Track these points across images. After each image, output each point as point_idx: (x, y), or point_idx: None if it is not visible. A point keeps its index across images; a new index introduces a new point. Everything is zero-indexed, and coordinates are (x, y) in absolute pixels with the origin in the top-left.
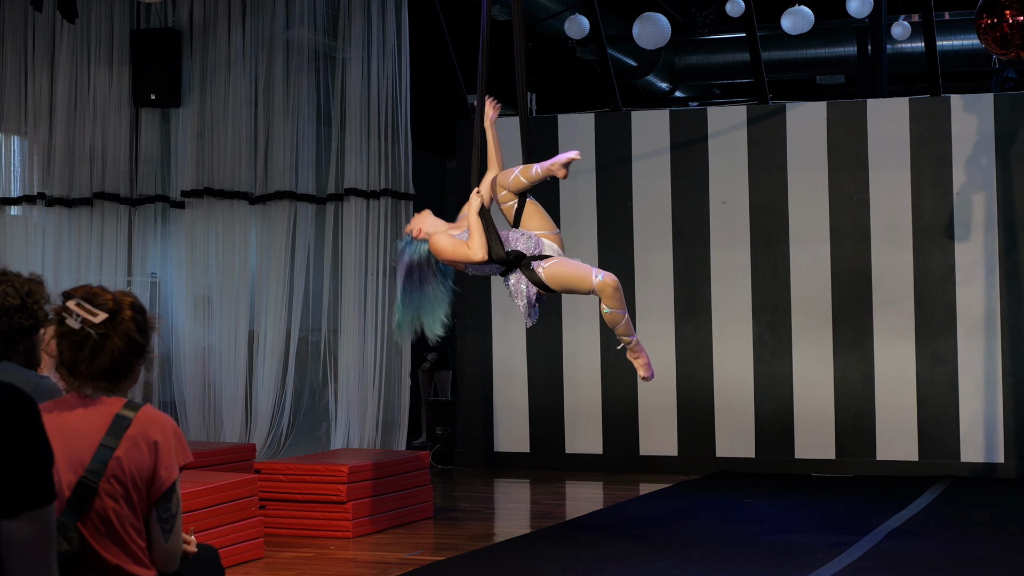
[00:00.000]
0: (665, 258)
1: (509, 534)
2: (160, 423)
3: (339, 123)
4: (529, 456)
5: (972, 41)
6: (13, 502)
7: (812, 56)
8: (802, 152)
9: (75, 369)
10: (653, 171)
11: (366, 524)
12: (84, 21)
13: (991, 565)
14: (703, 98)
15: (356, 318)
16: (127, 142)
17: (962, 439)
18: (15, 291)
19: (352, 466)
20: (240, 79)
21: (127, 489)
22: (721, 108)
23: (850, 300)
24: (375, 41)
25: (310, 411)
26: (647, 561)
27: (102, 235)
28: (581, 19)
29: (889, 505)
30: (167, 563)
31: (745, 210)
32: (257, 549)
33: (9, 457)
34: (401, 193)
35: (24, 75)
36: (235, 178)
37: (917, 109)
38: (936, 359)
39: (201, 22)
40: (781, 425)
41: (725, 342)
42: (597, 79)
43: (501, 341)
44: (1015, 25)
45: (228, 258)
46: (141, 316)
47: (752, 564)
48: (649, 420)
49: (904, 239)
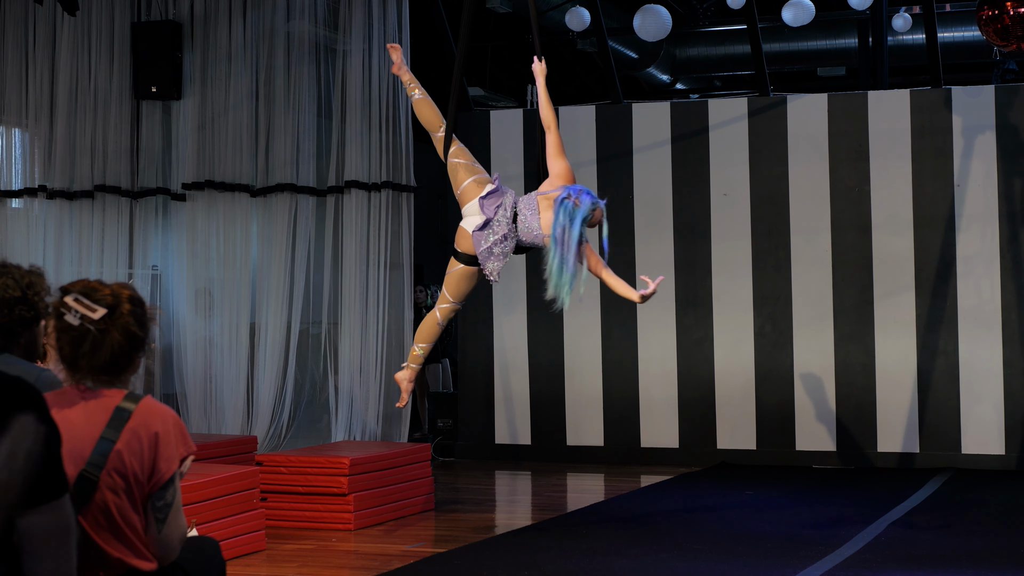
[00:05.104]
0: (666, 250)
1: (510, 526)
2: (161, 414)
3: (340, 115)
4: (530, 448)
5: (973, 33)
6: (28, 496)
7: (813, 48)
8: (803, 144)
9: (75, 364)
10: (654, 163)
11: (367, 516)
12: (85, 13)
13: (992, 557)
14: (704, 90)
15: (357, 310)
16: (128, 135)
17: (963, 431)
18: (15, 283)
19: (353, 458)
20: (241, 71)
21: (128, 482)
22: (722, 100)
23: (851, 292)
24: (376, 33)
25: (311, 403)
26: (648, 553)
27: (103, 228)
28: (582, 11)
29: (890, 497)
30: (163, 553)
31: (746, 202)
32: (259, 541)
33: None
34: (402, 185)
35: (25, 68)
36: (236, 170)
37: (918, 101)
38: (937, 351)
39: (202, 14)
40: (782, 417)
41: (726, 334)
42: (598, 71)
43: (502, 333)
44: (1016, 17)
45: (229, 250)
46: (140, 309)
47: (753, 556)
48: (650, 412)
49: (905, 231)
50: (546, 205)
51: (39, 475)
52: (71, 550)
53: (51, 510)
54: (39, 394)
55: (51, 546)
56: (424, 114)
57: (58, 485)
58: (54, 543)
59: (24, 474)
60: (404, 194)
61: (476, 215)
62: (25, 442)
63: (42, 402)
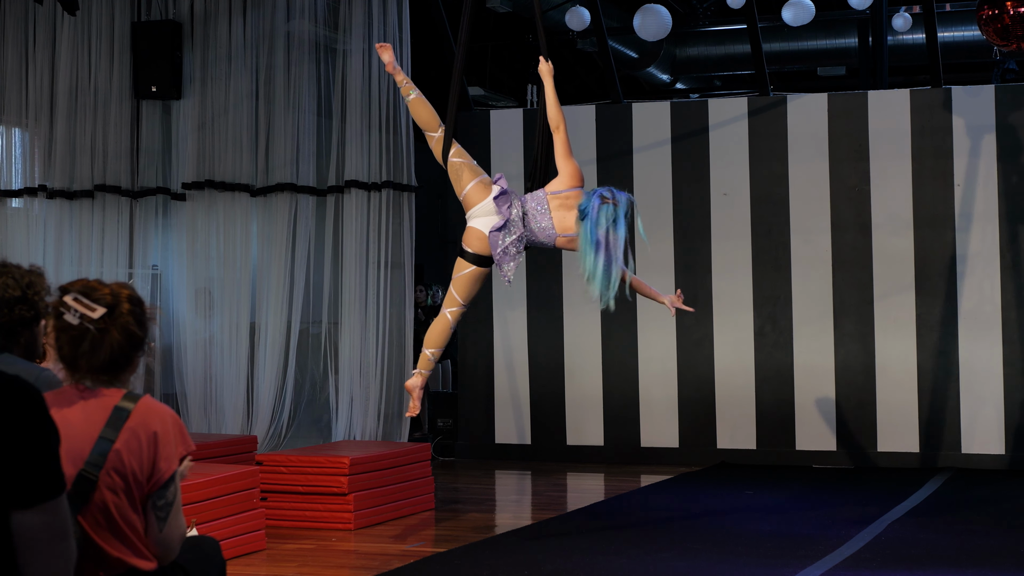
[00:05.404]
0: (666, 249)
1: (510, 526)
2: (160, 414)
3: (340, 115)
4: (530, 448)
5: (973, 32)
6: (25, 495)
7: (813, 48)
8: (803, 144)
9: (74, 364)
10: (654, 163)
11: (368, 516)
12: (85, 13)
13: (992, 556)
14: (704, 90)
15: (357, 310)
16: (128, 134)
17: (963, 430)
18: (15, 283)
19: (354, 458)
20: (241, 71)
21: (127, 481)
22: (722, 100)
23: (851, 291)
24: (376, 33)
25: (311, 403)
26: (648, 553)
27: (103, 227)
28: (582, 11)
29: (890, 496)
30: (163, 553)
31: (746, 202)
32: (259, 541)
33: (19, 450)
34: (403, 185)
35: (25, 67)
36: (236, 170)
37: (918, 100)
38: (937, 350)
39: (202, 14)
40: (782, 417)
41: (726, 333)
42: (598, 71)
43: (503, 333)
44: (1016, 16)
45: (229, 250)
46: (139, 308)
47: (753, 555)
48: (650, 412)
49: (905, 230)
50: (558, 204)
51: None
52: (67, 550)
53: (47, 510)
54: (38, 393)
55: (47, 546)
56: (421, 115)
57: (55, 485)
58: (50, 543)
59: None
60: (405, 194)
61: (489, 215)
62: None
63: (41, 401)
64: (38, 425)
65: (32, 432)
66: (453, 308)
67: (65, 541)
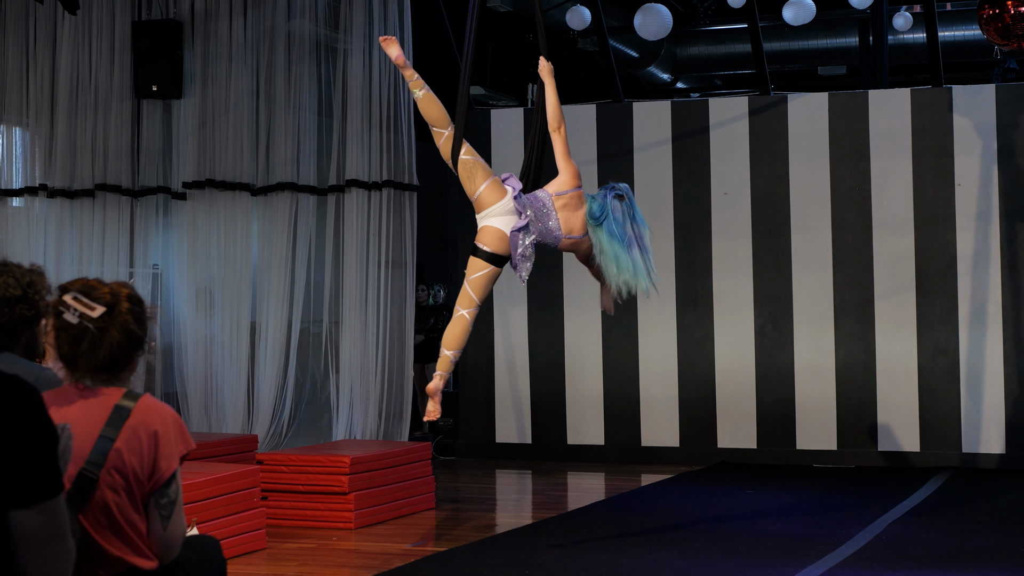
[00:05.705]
0: (667, 249)
1: (511, 525)
2: (160, 412)
3: (341, 114)
4: (531, 447)
5: (974, 32)
6: (23, 494)
7: (814, 47)
8: (804, 143)
9: (74, 363)
10: (655, 162)
11: (368, 515)
12: (85, 12)
13: (992, 556)
14: (705, 89)
15: (358, 309)
16: (129, 133)
17: (964, 430)
18: (16, 282)
19: (354, 457)
20: (241, 70)
21: (128, 480)
22: (723, 99)
23: (852, 291)
24: (376, 32)
25: (312, 402)
26: (648, 552)
27: (104, 226)
28: (583, 10)
29: (890, 496)
30: (165, 551)
31: (747, 201)
32: (259, 540)
33: (17, 449)
34: (404, 184)
35: (26, 66)
36: (237, 169)
37: (919, 100)
38: (938, 350)
39: (202, 13)
40: (783, 416)
41: (727, 333)
42: (599, 70)
43: (503, 332)
44: (1017, 16)
45: (230, 249)
46: (139, 307)
47: (753, 555)
48: (651, 411)
49: (906, 230)
50: (562, 205)
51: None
52: (65, 550)
53: (45, 509)
54: (37, 393)
55: (45, 545)
56: (431, 112)
57: (53, 484)
58: (48, 542)
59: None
60: (407, 193)
61: (508, 215)
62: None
63: (40, 401)
64: (36, 425)
65: (30, 432)
66: (471, 308)
67: (63, 541)
